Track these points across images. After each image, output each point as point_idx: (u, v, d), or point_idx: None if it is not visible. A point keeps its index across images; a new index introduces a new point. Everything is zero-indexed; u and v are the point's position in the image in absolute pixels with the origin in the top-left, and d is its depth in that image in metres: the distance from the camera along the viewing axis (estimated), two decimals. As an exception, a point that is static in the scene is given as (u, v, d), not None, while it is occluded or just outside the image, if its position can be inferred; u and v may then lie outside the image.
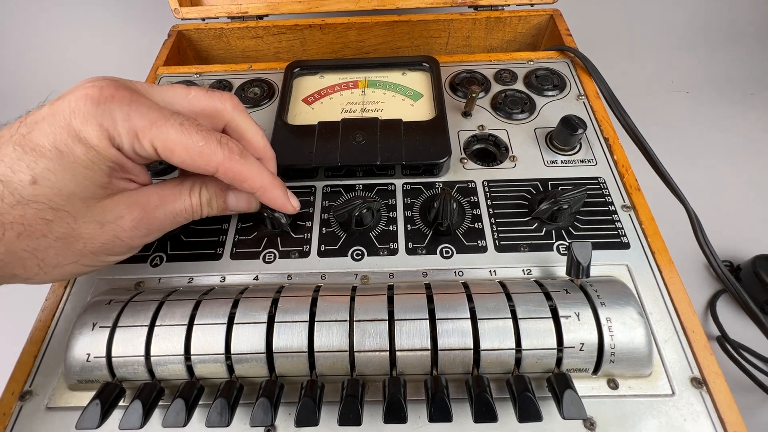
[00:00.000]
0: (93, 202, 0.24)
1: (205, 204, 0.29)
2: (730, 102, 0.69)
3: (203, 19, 0.52)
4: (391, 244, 0.32)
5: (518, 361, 0.25)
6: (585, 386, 0.26)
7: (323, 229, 0.33)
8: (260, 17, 0.52)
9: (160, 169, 0.37)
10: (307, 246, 0.32)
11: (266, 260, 0.32)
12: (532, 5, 0.50)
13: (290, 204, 0.30)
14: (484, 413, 0.23)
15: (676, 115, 0.68)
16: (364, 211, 0.31)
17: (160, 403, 0.25)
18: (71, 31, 0.70)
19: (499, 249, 0.31)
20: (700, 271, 0.51)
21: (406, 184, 0.35)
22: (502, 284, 0.27)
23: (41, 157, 0.22)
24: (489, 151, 0.38)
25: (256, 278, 0.31)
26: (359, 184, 0.35)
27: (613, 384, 0.26)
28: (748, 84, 0.71)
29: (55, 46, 0.71)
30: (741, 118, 0.67)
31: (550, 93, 0.41)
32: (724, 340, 0.43)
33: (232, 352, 0.25)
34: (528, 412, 0.23)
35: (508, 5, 0.50)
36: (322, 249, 0.32)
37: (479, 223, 0.33)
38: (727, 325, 0.45)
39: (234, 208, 0.30)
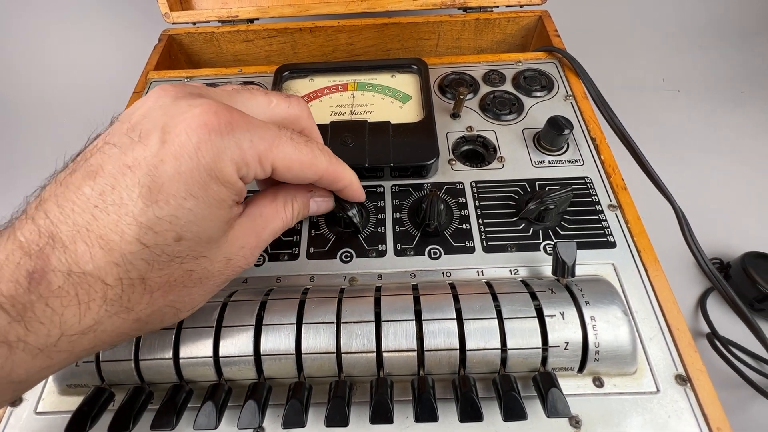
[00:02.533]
0: (223, 240, 0.23)
1: (296, 216, 0.28)
2: (721, 100, 0.70)
3: (194, 23, 0.53)
4: (379, 246, 0.32)
5: (504, 361, 0.25)
6: (571, 384, 0.26)
7: (312, 231, 0.33)
8: (251, 21, 0.52)
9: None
10: (296, 248, 0.32)
11: (256, 263, 0.32)
12: (521, 6, 0.51)
13: (363, 192, 0.30)
14: (470, 413, 0.23)
15: (667, 113, 0.68)
16: (354, 211, 0.31)
17: (149, 407, 0.25)
18: (62, 36, 0.70)
19: (487, 249, 0.32)
20: (690, 269, 0.51)
21: (394, 185, 0.35)
22: (489, 284, 0.27)
23: (179, 210, 0.20)
24: (477, 152, 0.38)
25: (245, 281, 0.31)
26: (348, 187, 0.35)
27: (598, 382, 0.26)
28: (739, 82, 0.72)
29: (45, 51, 0.71)
30: (732, 116, 0.67)
31: (538, 94, 0.41)
32: (713, 337, 0.43)
33: (220, 355, 0.25)
34: (513, 411, 0.23)
35: (497, 7, 0.50)
36: (311, 251, 0.32)
37: (467, 224, 0.33)
38: (717, 322, 0.45)
39: (314, 213, 0.30)
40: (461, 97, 0.38)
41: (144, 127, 0.20)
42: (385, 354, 0.25)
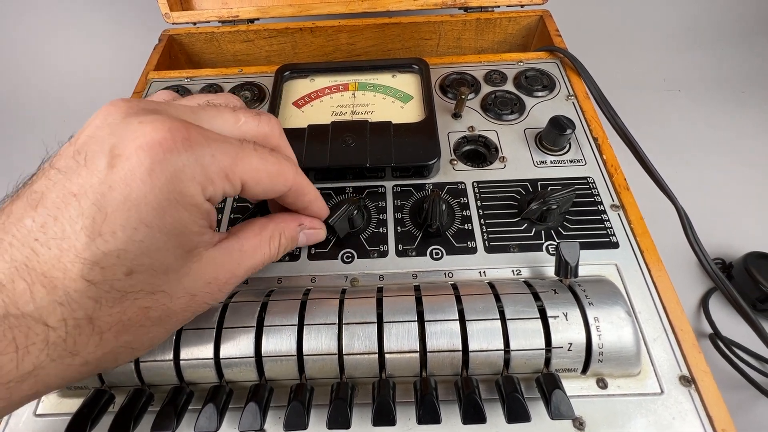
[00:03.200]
0: (184, 271, 0.20)
1: (281, 251, 0.26)
2: (722, 100, 0.69)
3: (194, 24, 0.52)
4: (381, 246, 0.32)
5: (507, 362, 0.25)
6: (574, 386, 0.26)
7: (313, 232, 0.33)
8: (251, 21, 0.52)
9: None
10: (298, 249, 0.32)
11: (256, 264, 0.32)
12: (522, 6, 0.50)
13: (327, 208, 0.29)
14: (473, 414, 0.23)
15: (668, 113, 0.68)
16: (355, 213, 0.31)
17: (149, 409, 0.25)
18: (62, 36, 0.70)
19: (489, 250, 0.31)
20: (693, 269, 0.51)
21: (396, 186, 0.35)
22: (491, 285, 0.27)
23: (129, 242, 0.18)
24: (479, 152, 0.38)
25: (246, 282, 0.31)
26: (349, 187, 0.35)
27: (602, 383, 0.26)
28: (740, 82, 0.71)
29: (45, 51, 0.71)
30: (733, 116, 0.67)
31: (539, 93, 0.41)
32: (716, 337, 0.43)
33: (221, 356, 0.25)
34: (516, 413, 0.23)
35: (498, 6, 0.50)
36: (313, 252, 0.32)
37: (469, 224, 0.33)
38: (720, 322, 0.45)
39: (303, 245, 0.29)
40: (462, 97, 0.38)
41: (90, 149, 0.19)
42: (387, 355, 0.25)
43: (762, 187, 0.58)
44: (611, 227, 0.32)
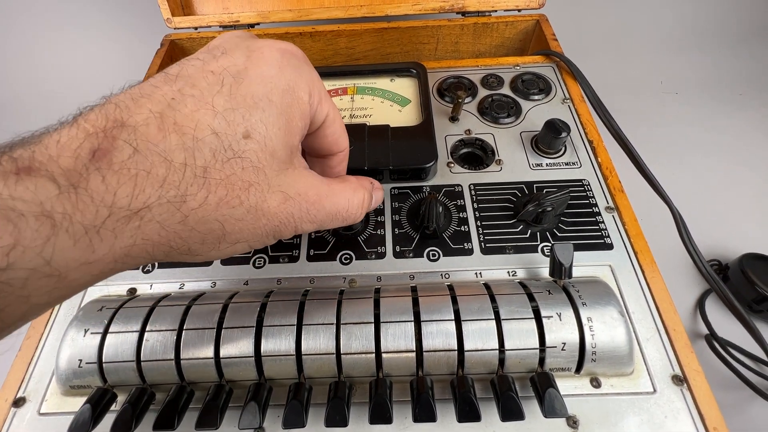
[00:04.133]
0: (285, 166, 0.22)
1: (363, 204, 0.27)
2: (719, 102, 0.70)
3: (196, 28, 0.53)
4: (379, 248, 0.32)
5: (502, 361, 0.25)
6: (568, 385, 0.26)
7: (312, 234, 0.33)
8: (251, 26, 0.53)
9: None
10: (297, 251, 0.33)
11: (256, 265, 0.32)
12: (519, 11, 0.51)
13: None
14: (468, 413, 0.23)
15: (665, 116, 0.69)
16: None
17: (151, 408, 0.26)
18: (64, 40, 0.71)
19: (485, 251, 0.32)
20: (689, 270, 0.51)
21: (393, 188, 0.36)
22: (487, 286, 0.28)
23: (254, 108, 0.20)
24: (476, 155, 0.39)
25: (246, 283, 0.31)
26: (348, 189, 0.36)
27: (595, 382, 0.26)
28: (737, 85, 0.72)
29: (48, 56, 0.72)
30: (730, 118, 0.67)
31: (535, 97, 0.42)
32: (712, 338, 0.44)
33: (221, 356, 0.26)
34: (510, 411, 0.23)
35: (495, 11, 0.51)
36: (311, 254, 0.32)
37: (465, 226, 0.33)
38: (716, 323, 0.45)
39: (374, 206, 0.30)
40: (460, 100, 0.39)
41: (226, 46, 0.22)
42: (384, 355, 0.25)
43: (759, 188, 0.58)
44: (606, 229, 0.33)
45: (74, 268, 0.17)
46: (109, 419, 0.24)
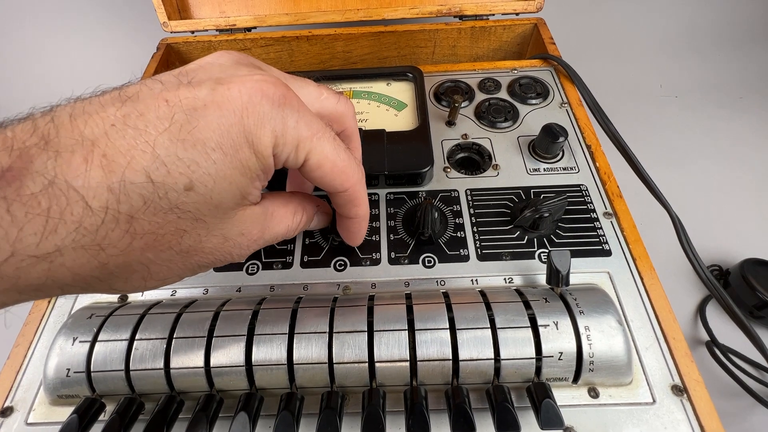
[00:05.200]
0: (230, 214, 0.21)
1: (299, 228, 0.26)
2: (719, 106, 0.70)
3: (192, 32, 0.53)
4: (373, 254, 0.32)
5: (497, 371, 0.25)
6: (565, 395, 0.26)
7: (306, 239, 0.33)
8: (248, 30, 0.53)
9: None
10: (290, 257, 0.32)
11: (249, 272, 0.32)
12: (516, 14, 0.51)
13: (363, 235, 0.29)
14: (462, 424, 0.23)
15: (665, 120, 0.68)
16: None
17: (140, 417, 0.25)
18: (60, 44, 0.71)
19: (481, 258, 0.31)
20: (689, 276, 0.51)
21: (389, 193, 0.35)
22: (483, 293, 0.27)
23: (203, 158, 0.18)
24: (472, 159, 0.38)
25: (239, 290, 0.31)
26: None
27: (593, 392, 0.26)
28: (737, 88, 0.72)
29: (44, 59, 0.72)
30: (730, 121, 0.67)
31: (533, 101, 0.42)
32: (713, 345, 0.43)
33: (211, 365, 0.25)
34: (506, 422, 0.23)
35: (493, 15, 0.51)
36: (305, 260, 0.32)
37: (462, 232, 0.33)
38: (717, 329, 0.45)
39: (312, 228, 0.29)
40: (456, 104, 0.39)
41: (197, 75, 0.20)
42: (377, 364, 0.25)
43: (760, 193, 0.58)
44: (604, 235, 0.32)
45: None
46: (97, 429, 0.24)
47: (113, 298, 0.31)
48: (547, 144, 0.35)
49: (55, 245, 0.15)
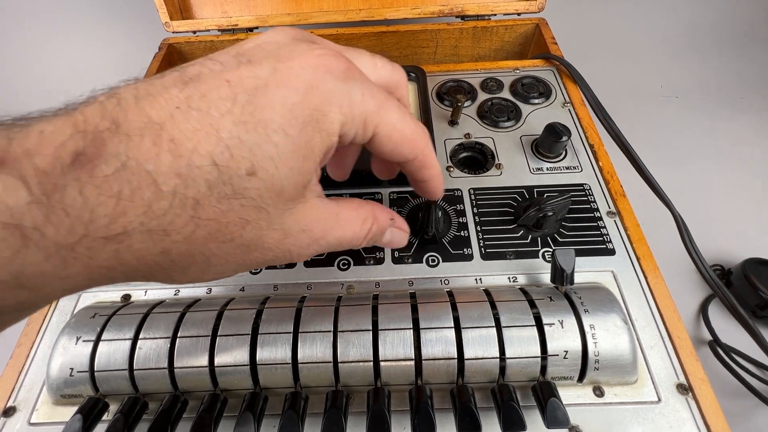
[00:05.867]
0: (291, 204, 0.20)
1: (369, 238, 0.25)
2: (720, 106, 0.70)
3: (194, 32, 0.53)
4: (377, 254, 0.32)
5: (502, 370, 0.25)
6: (571, 394, 0.26)
7: (310, 239, 0.33)
8: (250, 30, 0.53)
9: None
10: (294, 256, 0.32)
11: (252, 271, 0.32)
12: (518, 14, 0.51)
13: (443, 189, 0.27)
14: (468, 423, 0.23)
15: (666, 120, 0.68)
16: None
17: (144, 417, 0.25)
18: (62, 44, 0.71)
19: (485, 257, 0.31)
20: (692, 275, 0.51)
21: (392, 192, 0.35)
22: (487, 292, 0.27)
23: (266, 142, 0.17)
24: (475, 159, 0.38)
25: (243, 289, 0.31)
26: (346, 193, 0.35)
27: (598, 391, 0.26)
28: (738, 88, 0.72)
29: (45, 58, 0.72)
30: (731, 122, 0.67)
31: (535, 101, 0.42)
32: (716, 344, 0.43)
33: (215, 364, 0.25)
34: (512, 421, 0.23)
35: (495, 15, 0.51)
36: (309, 259, 0.32)
37: (465, 231, 0.33)
38: (720, 329, 0.45)
39: (384, 244, 0.27)
40: (459, 104, 0.39)
41: (255, 54, 0.19)
42: (382, 363, 0.25)
43: (761, 193, 0.58)
44: (607, 234, 0.32)
45: (47, 282, 0.15)
46: (101, 429, 0.24)
47: (116, 297, 0.31)
48: (550, 143, 0.35)
49: (124, 227, 0.16)
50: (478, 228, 0.33)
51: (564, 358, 0.24)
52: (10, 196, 0.14)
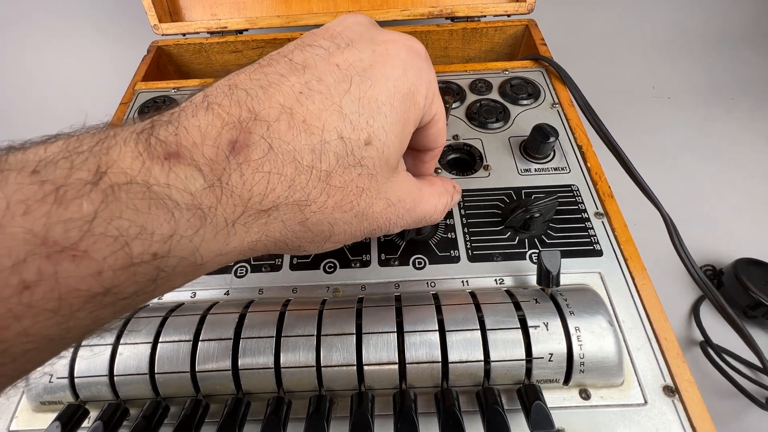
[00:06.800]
0: (393, 173, 0.22)
1: (445, 209, 0.27)
2: (711, 107, 0.70)
3: (183, 35, 0.53)
4: (363, 256, 0.32)
5: (487, 373, 0.24)
6: (557, 397, 0.26)
7: (296, 242, 0.33)
8: (239, 32, 0.52)
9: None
10: (279, 259, 0.32)
11: (238, 274, 0.31)
12: (508, 16, 0.51)
13: None
14: (451, 427, 0.22)
15: (658, 120, 0.69)
16: None
17: (124, 423, 0.25)
18: (51, 47, 0.70)
19: (472, 259, 0.31)
20: (684, 276, 0.50)
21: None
22: (473, 295, 0.27)
23: (378, 113, 0.20)
24: (464, 160, 0.38)
25: (227, 293, 0.31)
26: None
27: (585, 394, 0.26)
28: (729, 89, 0.72)
29: (34, 61, 0.71)
30: (722, 122, 0.67)
31: (524, 102, 0.41)
32: (706, 345, 0.43)
33: (197, 369, 0.25)
34: (495, 425, 0.22)
35: (485, 16, 0.51)
36: (294, 262, 0.32)
37: (452, 233, 0.33)
38: (711, 329, 0.45)
39: (451, 206, 0.29)
40: (447, 105, 0.38)
41: (350, 36, 0.21)
42: (366, 367, 0.24)
43: (752, 193, 0.58)
44: (595, 235, 0.32)
45: (212, 258, 0.17)
46: (79, 437, 0.23)
47: (99, 302, 0.31)
48: (538, 144, 0.35)
49: (273, 201, 0.18)
50: (466, 230, 0.33)
51: (549, 360, 0.24)
52: (191, 183, 0.16)
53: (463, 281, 0.30)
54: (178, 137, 0.16)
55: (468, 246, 0.32)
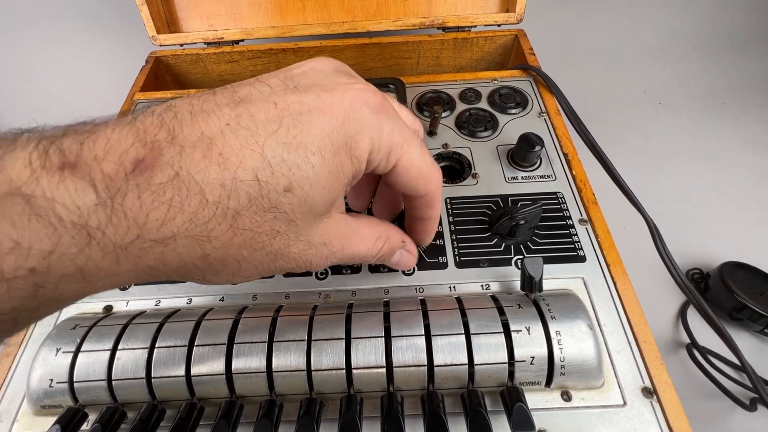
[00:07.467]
0: (318, 220, 0.21)
1: (379, 256, 0.26)
2: (702, 112, 0.71)
3: (181, 45, 0.54)
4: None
5: (471, 376, 0.25)
6: (539, 399, 0.26)
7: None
8: (235, 42, 0.54)
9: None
10: (273, 266, 0.33)
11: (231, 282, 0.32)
12: (498, 26, 0.52)
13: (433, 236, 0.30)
14: (436, 428, 0.23)
15: (648, 126, 0.70)
16: None
17: (122, 426, 0.26)
18: (49, 57, 0.72)
19: (460, 265, 0.32)
20: (671, 279, 0.51)
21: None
22: (459, 300, 0.28)
23: (304, 162, 0.19)
24: (453, 168, 0.39)
25: (222, 299, 0.32)
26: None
27: (566, 396, 0.27)
28: (719, 94, 0.73)
29: (34, 72, 0.72)
30: (712, 127, 0.68)
31: (512, 111, 0.43)
32: (692, 347, 0.44)
33: (192, 373, 0.26)
34: (478, 426, 0.23)
35: (475, 26, 0.52)
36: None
37: (441, 240, 0.34)
38: (698, 332, 0.45)
39: (393, 264, 0.29)
40: (437, 115, 0.39)
41: (302, 81, 0.21)
42: (354, 371, 0.25)
43: (740, 197, 0.59)
44: (579, 241, 0.33)
45: (101, 277, 0.17)
46: (79, 439, 0.24)
47: (98, 308, 0.32)
48: (524, 153, 0.36)
49: (172, 232, 0.17)
50: (454, 237, 0.34)
51: (531, 363, 0.25)
52: (81, 198, 0.15)
53: (450, 287, 0.31)
54: (81, 148, 0.16)
55: (456, 252, 0.33)
